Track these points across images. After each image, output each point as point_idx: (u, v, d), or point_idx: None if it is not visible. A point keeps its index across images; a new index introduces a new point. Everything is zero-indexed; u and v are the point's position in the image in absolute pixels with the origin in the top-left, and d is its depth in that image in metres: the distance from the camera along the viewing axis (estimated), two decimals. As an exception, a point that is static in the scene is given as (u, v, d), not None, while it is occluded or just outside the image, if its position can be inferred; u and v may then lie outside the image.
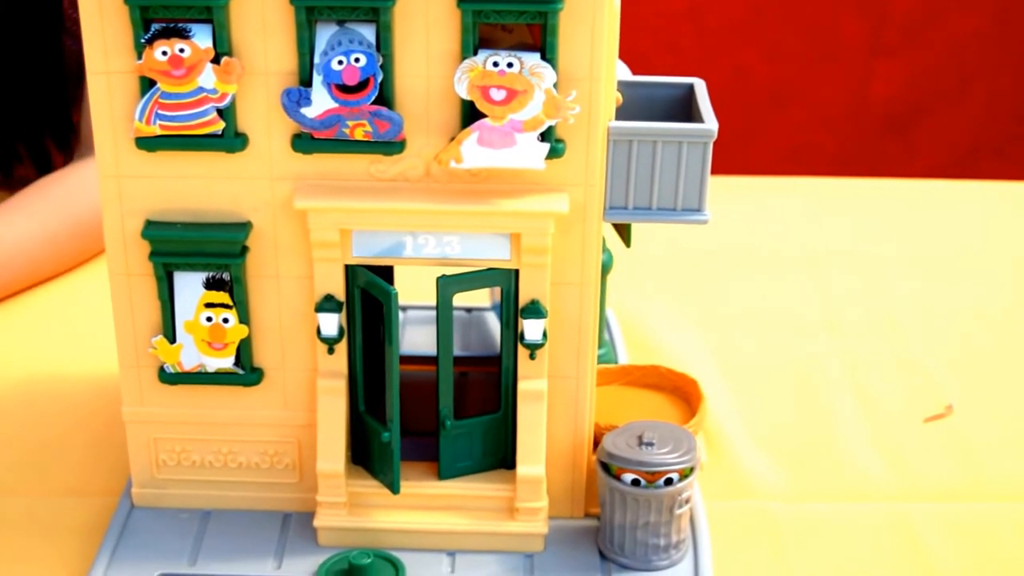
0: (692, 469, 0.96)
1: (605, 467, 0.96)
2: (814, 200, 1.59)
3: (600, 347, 1.20)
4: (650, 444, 0.95)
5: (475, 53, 0.88)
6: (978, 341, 1.29)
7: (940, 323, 1.32)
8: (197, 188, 0.93)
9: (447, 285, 0.93)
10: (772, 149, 1.97)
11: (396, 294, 0.91)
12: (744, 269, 1.43)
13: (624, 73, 1.01)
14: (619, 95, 0.96)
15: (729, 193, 1.56)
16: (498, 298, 1.06)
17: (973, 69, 2.01)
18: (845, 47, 1.97)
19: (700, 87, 0.98)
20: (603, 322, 1.25)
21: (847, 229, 1.52)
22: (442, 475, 0.98)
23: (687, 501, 0.96)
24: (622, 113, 0.96)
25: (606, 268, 1.17)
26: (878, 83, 1.98)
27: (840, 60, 1.97)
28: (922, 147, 2.05)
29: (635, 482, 0.95)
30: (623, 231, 1.05)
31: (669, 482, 0.95)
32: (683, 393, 1.10)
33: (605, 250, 1.16)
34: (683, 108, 0.98)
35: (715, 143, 0.92)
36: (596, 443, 1.00)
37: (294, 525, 1.01)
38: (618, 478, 0.95)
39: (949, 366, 1.25)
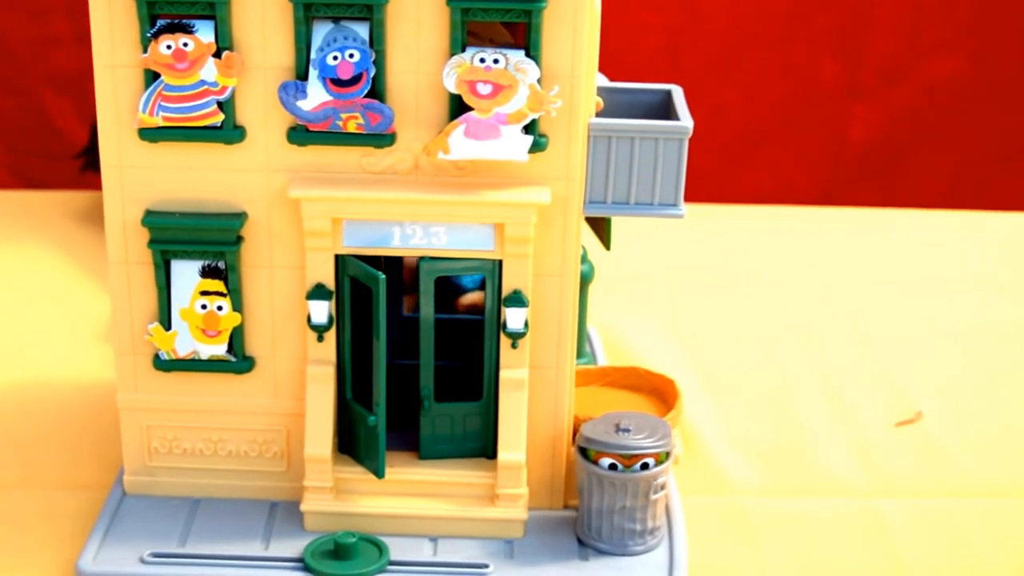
0: (668, 454, 0.99)
1: (583, 452, 0.99)
2: (792, 226, 1.64)
3: (581, 356, 1.24)
4: (627, 430, 0.99)
5: (463, 50, 0.93)
6: (947, 355, 1.34)
7: (911, 339, 1.36)
8: (196, 178, 0.98)
9: (430, 269, 0.97)
10: (749, 189, 2.01)
11: (384, 279, 0.95)
12: (722, 288, 1.47)
13: (603, 81, 1.06)
14: (599, 99, 1.01)
15: (708, 219, 1.61)
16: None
17: (950, 111, 2.07)
18: (822, 89, 2.02)
19: (677, 92, 1.03)
20: (584, 334, 1.29)
21: (823, 253, 1.57)
22: (422, 455, 1.02)
23: (663, 487, 0.99)
24: (603, 116, 1.01)
25: (587, 278, 1.22)
26: (855, 125, 2.04)
27: (817, 102, 2.03)
28: (899, 189, 2.10)
29: (612, 466, 0.98)
30: (603, 233, 1.09)
31: (645, 467, 0.98)
32: (661, 394, 1.13)
33: (586, 261, 1.21)
34: (661, 112, 1.03)
35: (692, 181, 0.97)
36: (575, 436, 1.04)
37: (281, 512, 1.04)
38: (596, 463, 0.99)
39: (919, 379, 1.29)
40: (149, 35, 0.93)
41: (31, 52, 2.07)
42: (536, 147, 0.95)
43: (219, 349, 1.01)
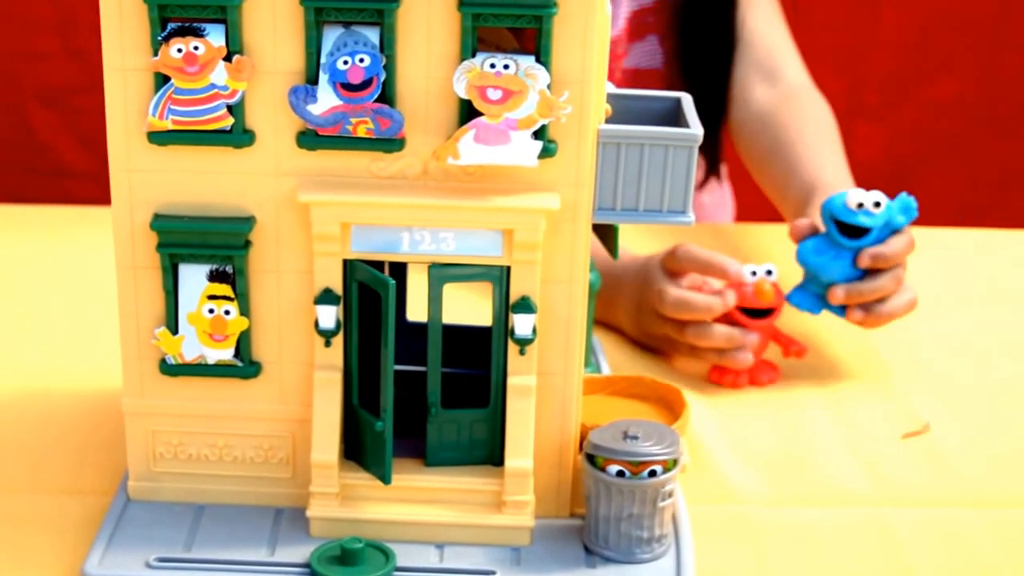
0: (675, 462, 0.99)
1: (591, 459, 0.99)
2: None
3: (586, 366, 1.24)
4: (635, 437, 0.99)
5: (473, 55, 0.93)
6: (954, 369, 1.33)
7: (918, 352, 1.36)
8: (205, 182, 0.98)
9: (439, 275, 0.97)
10: (752, 212, 2.02)
11: (393, 284, 0.95)
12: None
13: (612, 88, 1.06)
14: (608, 106, 1.02)
15: (713, 234, 1.61)
16: None
17: (955, 131, 2.08)
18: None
19: (687, 100, 1.03)
20: (590, 345, 1.28)
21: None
22: (428, 461, 1.02)
23: (670, 495, 0.99)
24: (612, 123, 1.01)
25: (593, 288, 1.21)
26: (859, 145, 2.05)
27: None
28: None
29: (620, 473, 0.98)
30: (609, 242, 1.09)
31: (653, 474, 0.98)
32: (667, 403, 1.13)
33: (593, 270, 1.21)
34: (670, 120, 1.03)
35: (696, 201, 0.97)
36: (582, 444, 1.03)
37: (286, 518, 1.04)
38: (603, 470, 0.98)
39: (926, 391, 1.29)
40: (160, 38, 0.93)
41: (19, 67, 2.08)
42: (545, 153, 0.95)
43: (226, 354, 1.01)
